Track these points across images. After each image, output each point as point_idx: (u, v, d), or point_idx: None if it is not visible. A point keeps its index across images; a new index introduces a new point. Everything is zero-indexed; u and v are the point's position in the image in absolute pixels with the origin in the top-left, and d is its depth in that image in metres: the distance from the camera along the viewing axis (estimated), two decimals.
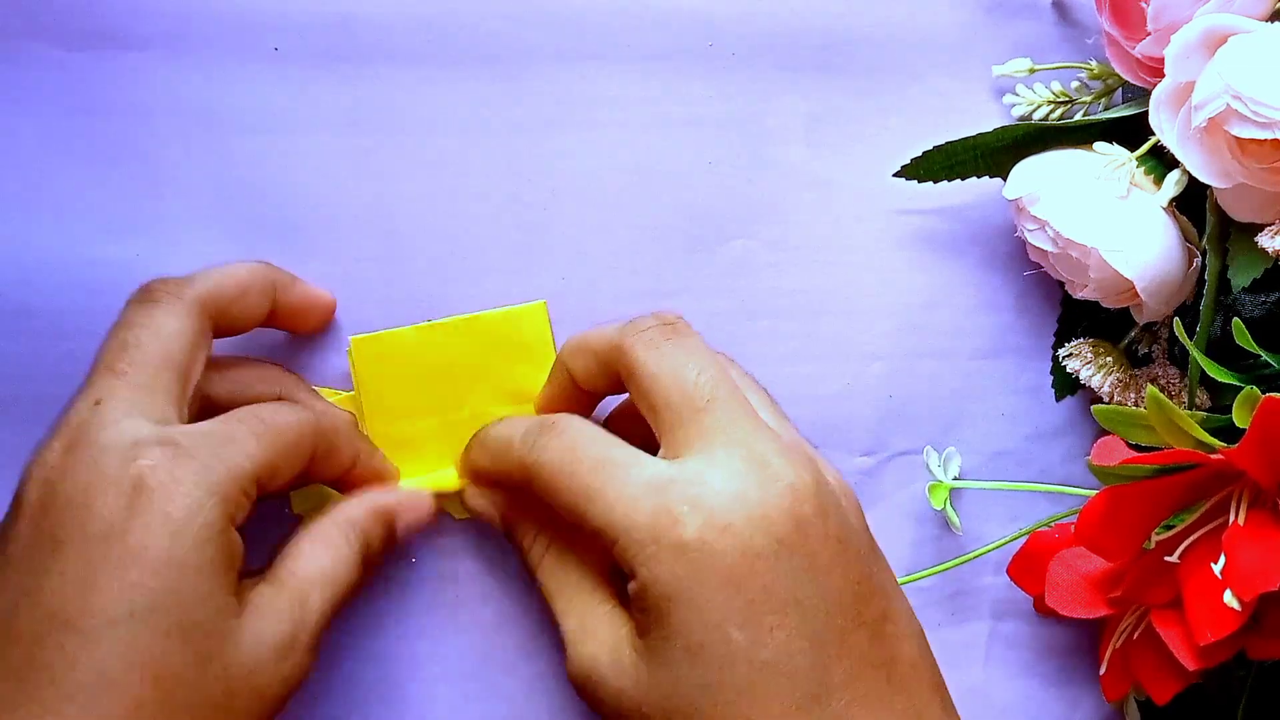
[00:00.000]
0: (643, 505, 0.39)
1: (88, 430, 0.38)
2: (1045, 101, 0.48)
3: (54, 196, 0.47)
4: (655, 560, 0.38)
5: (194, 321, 0.41)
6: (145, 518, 0.37)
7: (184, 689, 0.37)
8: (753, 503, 0.38)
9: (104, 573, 0.37)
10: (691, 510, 0.38)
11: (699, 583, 0.38)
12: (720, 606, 0.38)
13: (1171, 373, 0.48)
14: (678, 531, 0.38)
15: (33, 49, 0.47)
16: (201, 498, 0.38)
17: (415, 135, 0.48)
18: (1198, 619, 0.41)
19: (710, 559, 0.38)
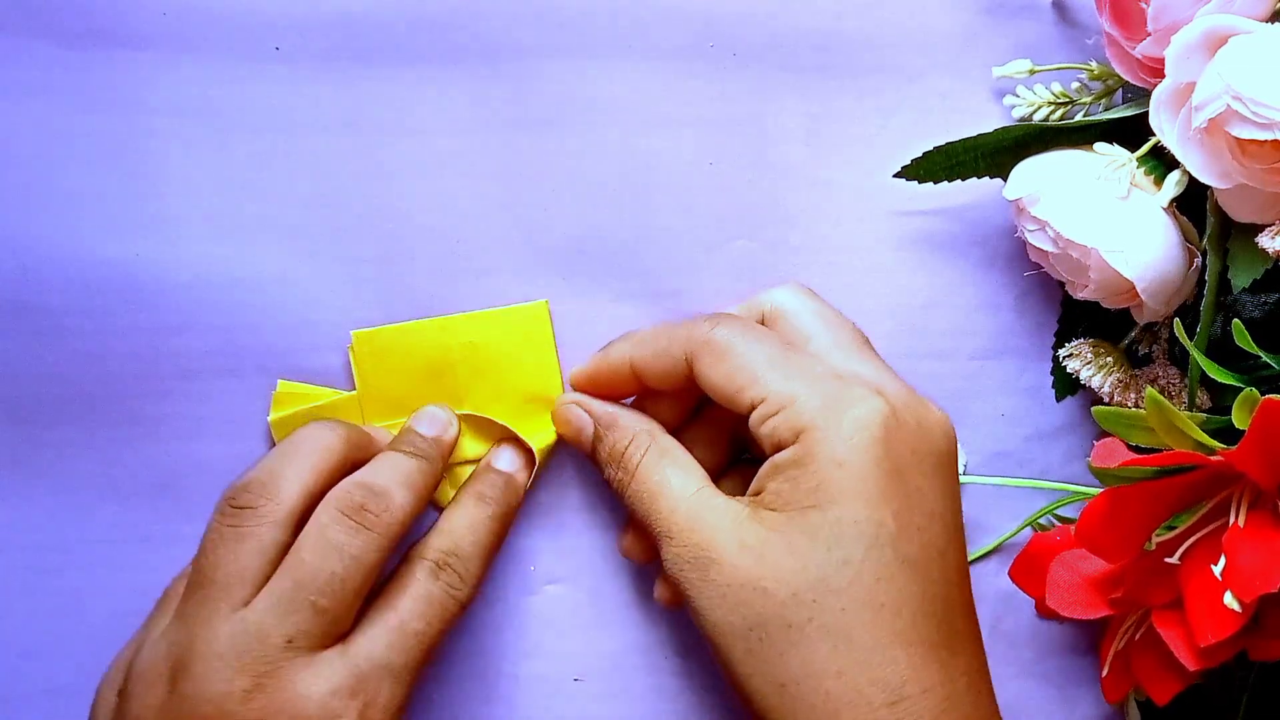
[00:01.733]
0: (827, 385, 0.41)
1: (283, 674, 0.39)
2: (1045, 102, 0.48)
3: (54, 195, 0.47)
4: (833, 428, 0.40)
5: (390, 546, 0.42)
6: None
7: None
8: (924, 414, 0.42)
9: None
10: (877, 397, 0.41)
11: (870, 463, 0.39)
12: (882, 491, 0.39)
13: (1171, 373, 0.48)
14: (863, 408, 0.40)
15: (33, 48, 0.47)
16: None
17: (416, 135, 0.48)
18: (1198, 620, 0.41)
19: (884, 444, 0.40)
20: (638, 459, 0.44)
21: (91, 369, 0.47)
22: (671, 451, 0.44)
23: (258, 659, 0.38)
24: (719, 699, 0.49)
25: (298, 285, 0.48)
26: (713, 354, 0.42)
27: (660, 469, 0.43)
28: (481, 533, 0.44)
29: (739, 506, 0.41)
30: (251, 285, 0.48)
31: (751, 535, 0.40)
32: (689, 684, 0.49)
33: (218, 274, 0.47)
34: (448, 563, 0.43)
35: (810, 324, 0.45)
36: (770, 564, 0.39)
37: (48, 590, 0.48)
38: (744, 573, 0.39)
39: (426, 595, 0.42)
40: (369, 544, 0.40)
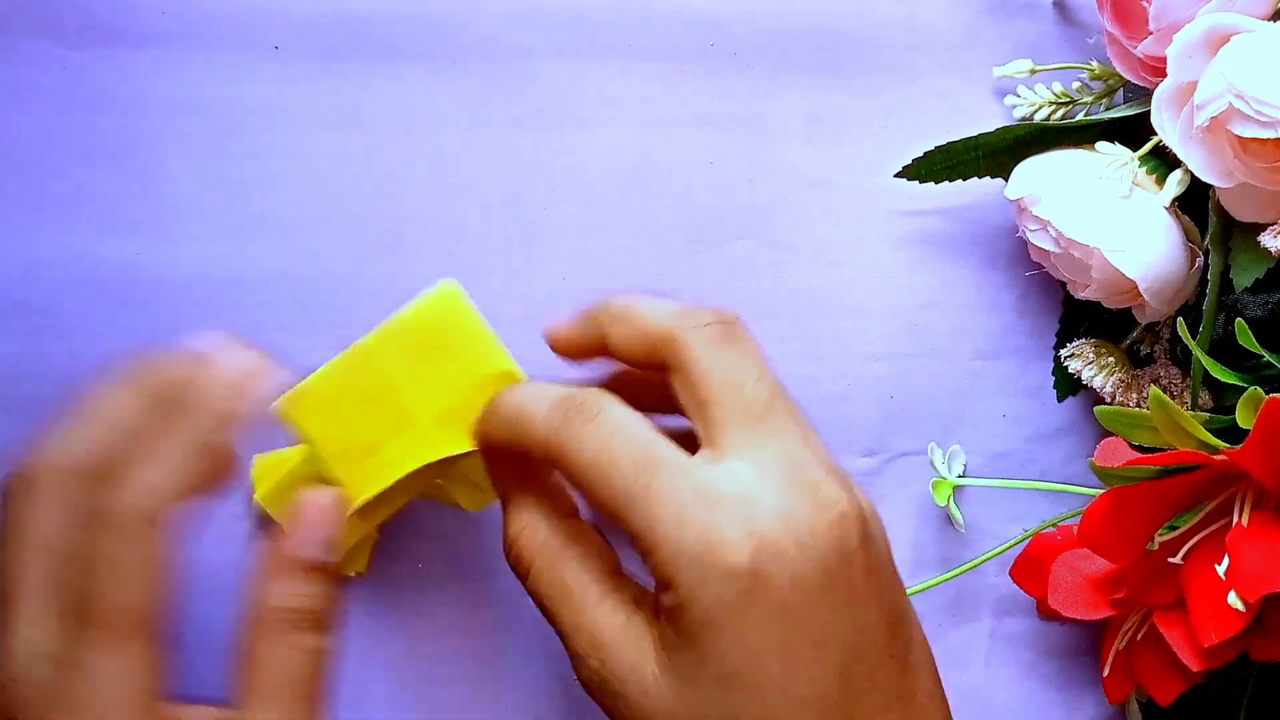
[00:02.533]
0: (691, 519, 0.36)
1: None
2: (1047, 102, 0.48)
3: (53, 194, 0.47)
4: (700, 582, 0.36)
5: None
6: None
7: None
8: (804, 529, 0.37)
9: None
10: (745, 534, 0.36)
11: (744, 611, 0.36)
12: (762, 637, 0.36)
13: (1174, 373, 0.48)
14: (729, 555, 0.36)
15: (32, 47, 0.47)
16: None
17: (415, 134, 0.48)
18: (1201, 620, 0.41)
19: (758, 587, 0.36)
20: (530, 556, 0.40)
21: (91, 369, 0.47)
22: (571, 550, 0.40)
23: None
24: None
25: (298, 285, 0.48)
26: (574, 471, 0.38)
27: (560, 571, 0.40)
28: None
29: (643, 632, 0.38)
30: (251, 285, 0.48)
31: (648, 671, 0.38)
32: None
33: (218, 274, 0.47)
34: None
35: (714, 387, 0.39)
36: (666, 709, 0.37)
37: None
38: (646, 710, 0.38)
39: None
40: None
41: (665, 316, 0.40)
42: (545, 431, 0.39)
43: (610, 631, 0.39)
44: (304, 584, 0.39)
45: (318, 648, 0.39)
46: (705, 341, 0.39)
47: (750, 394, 0.38)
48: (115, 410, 0.38)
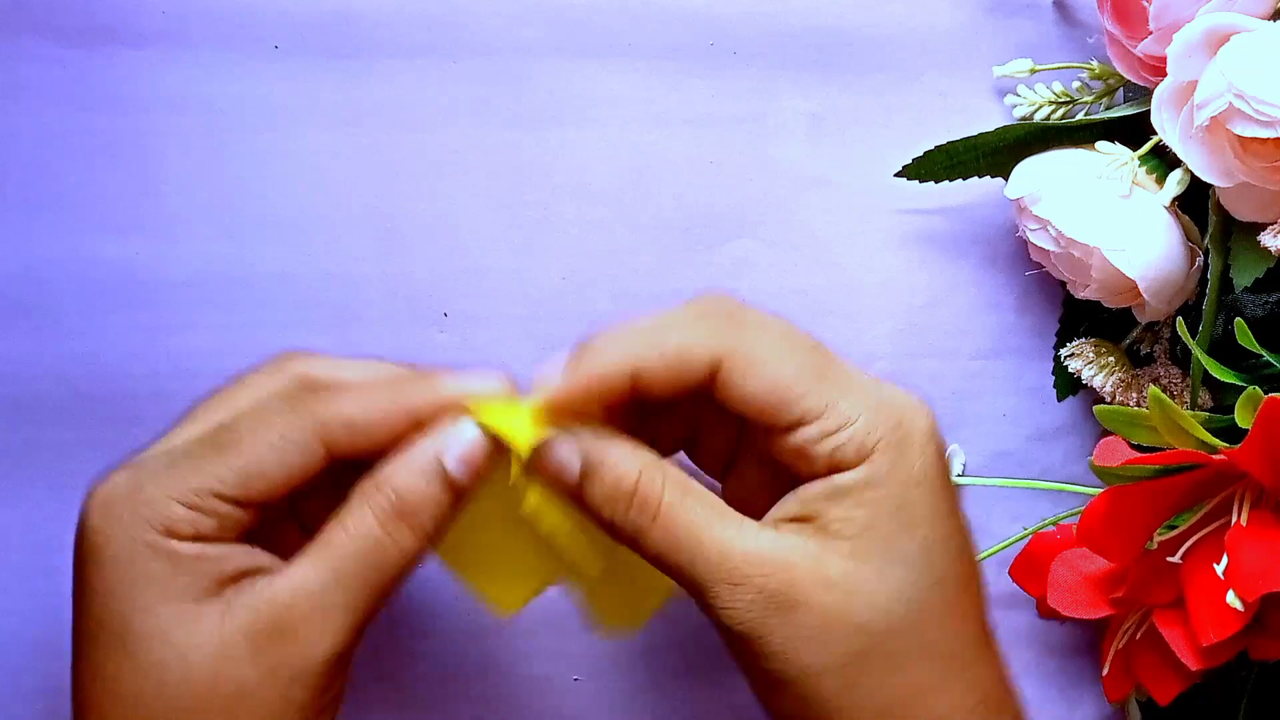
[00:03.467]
0: (875, 396, 0.38)
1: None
2: (1047, 101, 0.48)
3: (53, 194, 0.47)
4: (905, 447, 0.37)
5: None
6: (92, 553, 0.37)
7: (135, 699, 0.37)
8: (928, 415, 0.39)
9: (76, 612, 0.38)
10: (919, 403, 0.39)
11: (941, 477, 0.38)
12: (951, 503, 0.38)
13: (1173, 373, 0.48)
14: (920, 419, 0.38)
15: (32, 46, 0.47)
16: (112, 527, 0.37)
17: (415, 134, 0.48)
18: (1200, 619, 0.41)
19: (939, 453, 0.38)
20: (656, 497, 0.38)
21: (91, 369, 0.47)
22: (691, 485, 0.38)
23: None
24: (719, 699, 0.49)
25: (297, 284, 0.48)
26: (749, 361, 0.37)
27: (689, 507, 0.38)
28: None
29: (803, 539, 0.37)
30: (251, 284, 0.48)
31: (834, 568, 0.37)
32: (689, 684, 0.49)
33: (217, 273, 0.47)
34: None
35: (777, 369, 0.38)
36: (863, 597, 0.37)
37: (48, 590, 0.47)
38: (835, 611, 0.37)
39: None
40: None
41: (697, 329, 0.38)
42: (707, 335, 0.38)
43: (766, 544, 0.37)
44: (429, 483, 0.38)
45: (408, 544, 0.38)
46: (751, 328, 0.38)
47: (803, 338, 0.39)
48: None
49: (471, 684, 0.48)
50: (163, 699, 0.37)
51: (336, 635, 0.37)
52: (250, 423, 0.38)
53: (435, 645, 0.48)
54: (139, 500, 0.37)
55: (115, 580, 0.37)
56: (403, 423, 0.38)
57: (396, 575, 0.38)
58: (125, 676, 0.37)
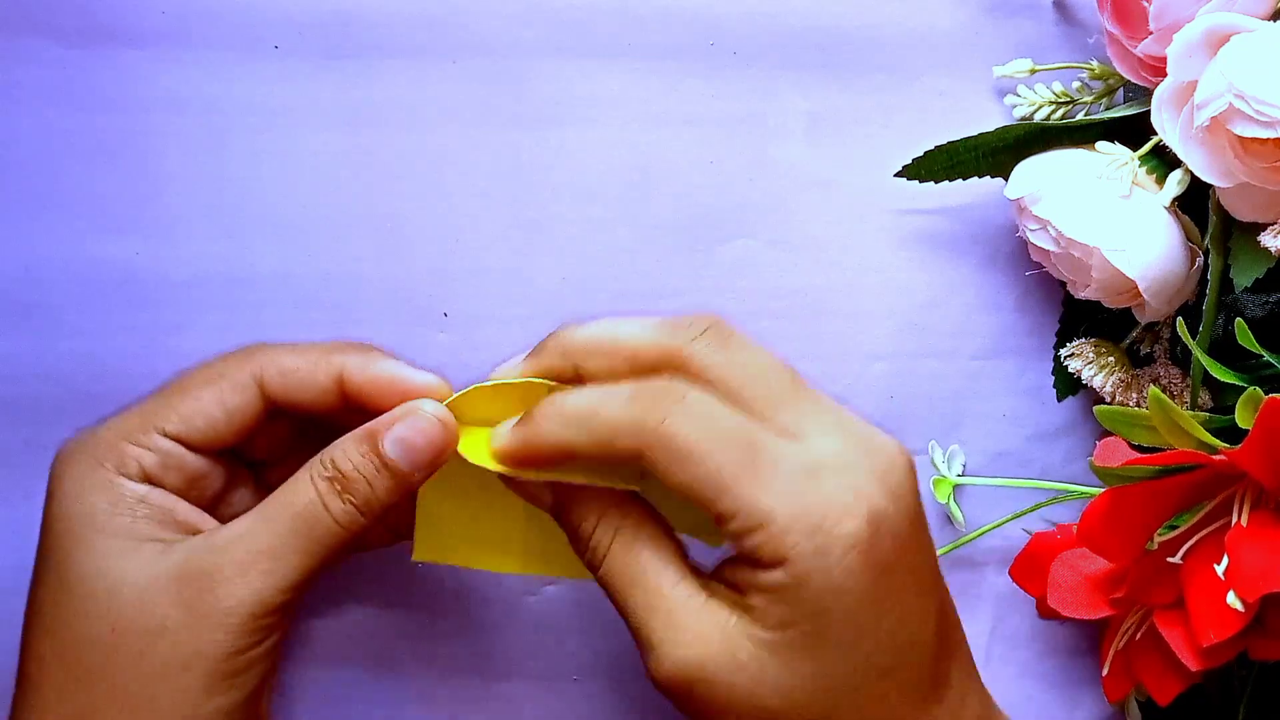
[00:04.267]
0: (803, 491, 0.36)
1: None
2: (1047, 101, 0.48)
3: (53, 194, 0.47)
4: (823, 552, 0.36)
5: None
6: (51, 495, 0.40)
7: (64, 630, 0.38)
8: (891, 484, 0.37)
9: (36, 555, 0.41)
10: (854, 499, 0.37)
11: (863, 574, 0.36)
12: (879, 595, 0.37)
13: (1173, 373, 0.48)
14: (846, 524, 0.36)
15: (32, 46, 0.47)
16: (67, 467, 0.40)
17: (415, 134, 0.48)
18: (1200, 620, 0.41)
19: (873, 549, 0.36)
20: (605, 544, 0.39)
21: (91, 369, 0.47)
22: (645, 536, 0.39)
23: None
24: None
25: (297, 284, 0.48)
26: (669, 454, 0.37)
27: (634, 559, 0.39)
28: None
29: (726, 616, 0.38)
30: (251, 284, 0.48)
31: (745, 653, 0.37)
32: None
33: (217, 273, 0.47)
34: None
35: (740, 385, 0.38)
36: (770, 683, 0.37)
37: None
38: (743, 695, 0.37)
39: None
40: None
41: (654, 337, 0.39)
42: (631, 422, 0.37)
43: (693, 613, 0.38)
44: (361, 457, 0.40)
45: (340, 515, 0.39)
46: (710, 349, 0.38)
47: (775, 379, 0.38)
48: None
49: (471, 684, 0.48)
50: (86, 630, 0.38)
51: (260, 584, 0.38)
52: (194, 373, 0.41)
53: (435, 645, 0.48)
54: (92, 443, 0.40)
55: (63, 516, 0.39)
56: (331, 381, 0.41)
57: (332, 543, 0.39)
58: (58, 608, 0.39)
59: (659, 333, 0.39)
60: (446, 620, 0.48)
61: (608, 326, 0.39)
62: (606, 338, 0.39)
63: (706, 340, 0.39)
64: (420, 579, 0.48)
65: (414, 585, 0.48)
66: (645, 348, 0.38)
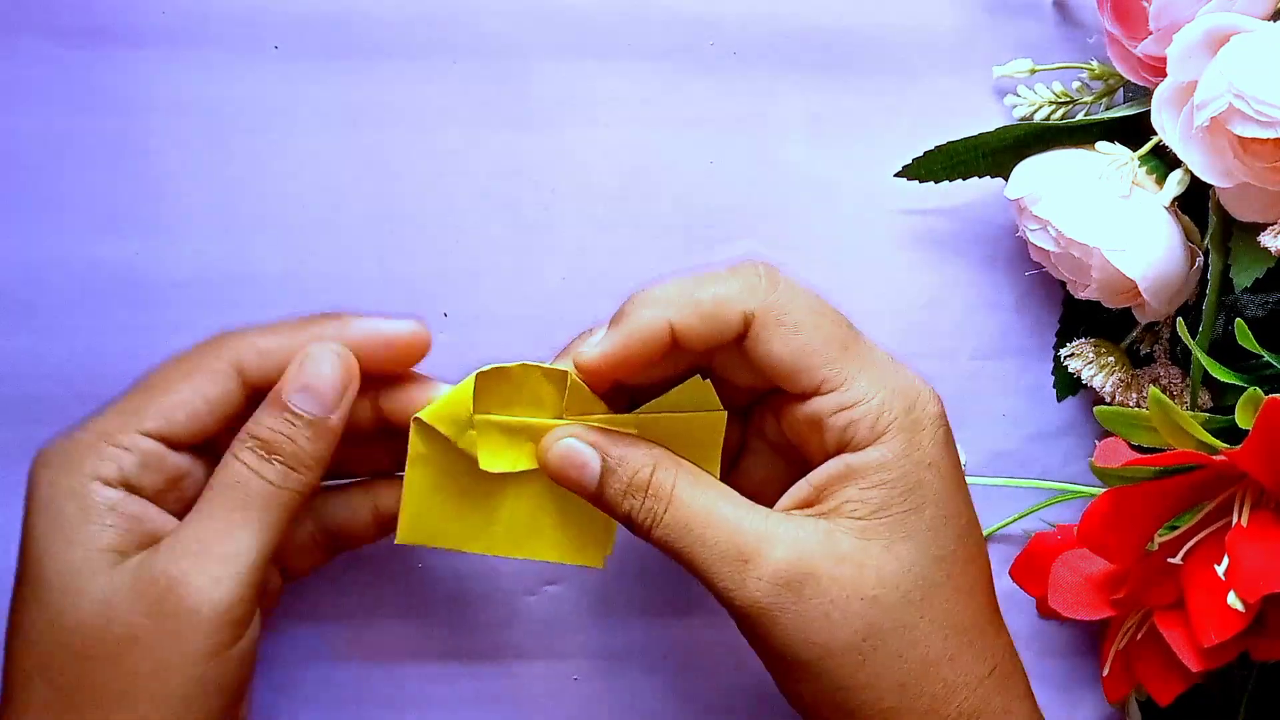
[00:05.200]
0: (893, 377, 0.40)
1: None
2: (1047, 102, 0.48)
3: (52, 194, 0.47)
4: (918, 430, 0.39)
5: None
6: (29, 501, 0.39)
7: (38, 640, 0.38)
8: (939, 408, 0.41)
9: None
10: (929, 387, 0.40)
11: (951, 459, 0.40)
12: (959, 483, 0.40)
13: (1173, 373, 0.48)
14: (932, 405, 0.40)
15: (31, 46, 0.47)
16: (44, 471, 0.39)
17: (415, 134, 0.48)
18: (1201, 620, 0.41)
19: (949, 436, 0.40)
20: (669, 486, 0.39)
21: (91, 369, 0.47)
22: (703, 476, 0.40)
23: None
24: (718, 698, 0.49)
25: (297, 284, 0.48)
26: (782, 325, 0.39)
27: (701, 493, 0.39)
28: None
29: (814, 519, 0.39)
30: (251, 284, 0.48)
31: (845, 545, 0.38)
32: (688, 684, 0.49)
33: (217, 273, 0.47)
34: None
35: (809, 337, 0.40)
36: (873, 571, 0.38)
37: None
38: (848, 585, 0.38)
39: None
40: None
41: (723, 292, 0.39)
42: (740, 292, 0.39)
43: (782, 524, 0.39)
44: (274, 419, 0.40)
45: (270, 475, 0.39)
46: (780, 298, 0.40)
47: (833, 321, 0.40)
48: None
49: (471, 683, 0.48)
50: (59, 642, 0.38)
51: (221, 573, 0.38)
52: (168, 367, 0.41)
53: (434, 644, 0.48)
54: (69, 448, 0.39)
55: (37, 524, 0.39)
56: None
57: (278, 509, 0.39)
58: (33, 618, 0.38)
59: (740, 289, 0.39)
60: (446, 620, 0.48)
61: (686, 290, 0.40)
62: (689, 299, 0.39)
63: (774, 291, 0.40)
64: (420, 579, 0.48)
65: (414, 585, 0.48)
66: (726, 306, 0.39)
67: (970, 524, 0.40)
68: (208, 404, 0.40)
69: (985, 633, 0.40)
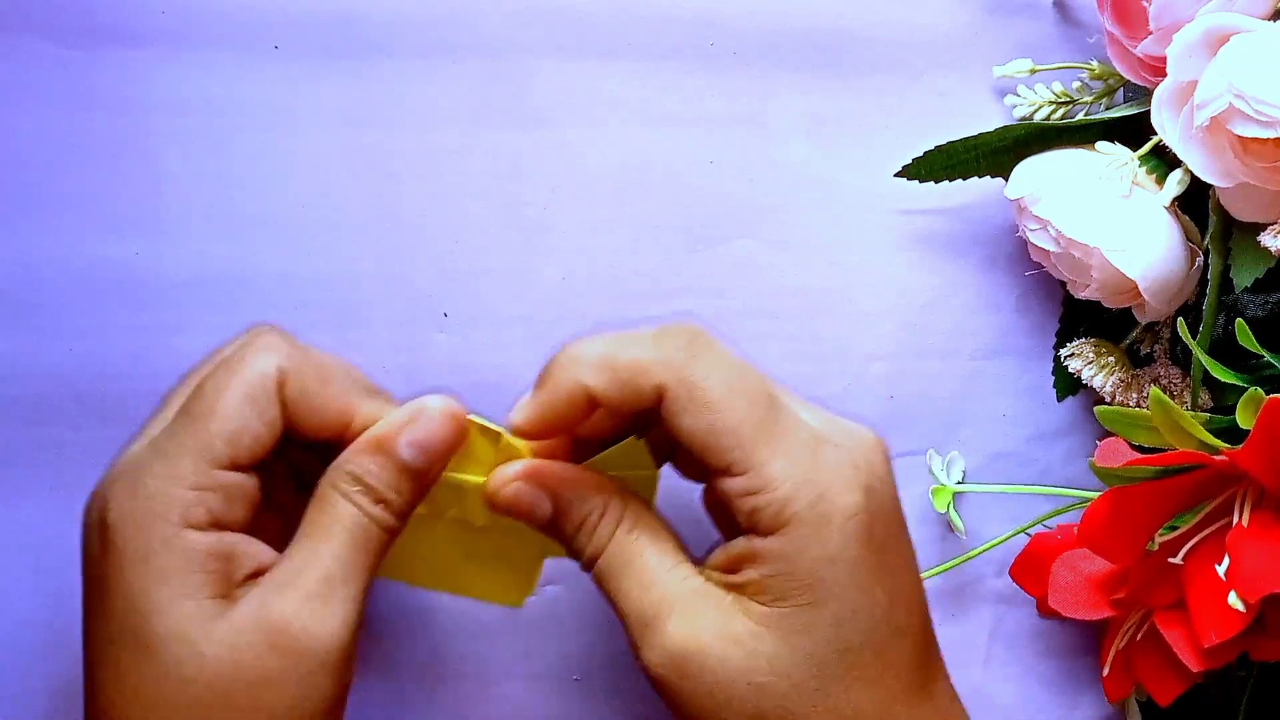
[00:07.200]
0: (806, 460, 0.37)
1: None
2: (1046, 102, 0.48)
3: (53, 194, 0.47)
4: (825, 521, 0.37)
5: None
6: (109, 555, 0.38)
7: (158, 699, 0.37)
8: (879, 469, 0.39)
9: (90, 614, 0.39)
10: (854, 474, 0.38)
11: (860, 546, 0.37)
12: (874, 571, 0.38)
13: (1173, 373, 0.48)
14: (848, 495, 0.37)
15: (31, 46, 0.47)
16: (127, 525, 0.38)
17: (416, 133, 0.48)
18: (1201, 620, 0.41)
19: (869, 523, 0.38)
20: (607, 532, 0.40)
21: (91, 369, 0.47)
22: (644, 524, 0.40)
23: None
24: None
25: (297, 284, 0.48)
26: (693, 397, 0.37)
27: (632, 544, 0.39)
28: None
29: (721, 595, 0.38)
30: (251, 284, 0.48)
31: (740, 628, 0.37)
32: None
33: (217, 273, 0.47)
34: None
35: (720, 402, 0.38)
36: (764, 658, 0.37)
37: (48, 590, 0.47)
38: (735, 669, 0.37)
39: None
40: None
41: (641, 353, 0.38)
42: (657, 361, 0.38)
43: (688, 593, 0.38)
44: (381, 467, 0.39)
45: (381, 516, 0.39)
46: (699, 363, 0.38)
47: (754, 386, 0.39)
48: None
49: (471, 684, 0.48)
50: (186, 697, 0.37)
51: (344, 611, 0.38)
52: (214, 381, 0.39)
53: (434, 645, 0.48)
54: (145, 495, 0.38)
55: (132, 580, 0.37)
56: (343, 418, 0.40)
57: (381, 551, 0.39)
58: (147, 678, 0.37)
59: (650, 352, 0.38)
60: (445, 621, 0.48)
61: (600, 350, 0.39)
62: (604, 359, 0.38)
63: (693, 354, 0.39)
64: None
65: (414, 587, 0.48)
66: (642, 366, 0.38)
67: (889, 611, 0.38)
68: (265, 421, 0.39)
69: (895, 718, 0.38)
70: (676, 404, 0.38)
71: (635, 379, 0.38)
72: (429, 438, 0.39)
